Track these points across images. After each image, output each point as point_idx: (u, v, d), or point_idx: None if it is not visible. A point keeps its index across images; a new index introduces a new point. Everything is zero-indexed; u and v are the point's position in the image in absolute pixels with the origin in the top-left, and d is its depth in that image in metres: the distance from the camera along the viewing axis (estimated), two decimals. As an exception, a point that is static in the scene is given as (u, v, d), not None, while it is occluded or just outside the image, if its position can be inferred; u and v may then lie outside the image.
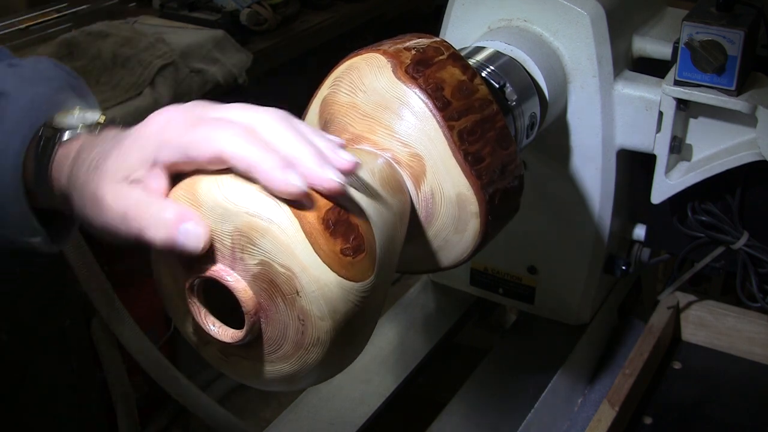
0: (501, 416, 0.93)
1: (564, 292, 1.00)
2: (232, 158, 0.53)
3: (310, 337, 0.53)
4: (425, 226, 0.65)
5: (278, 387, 0.57)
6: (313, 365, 0.55)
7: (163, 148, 0.54)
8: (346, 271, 0.53)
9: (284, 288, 0.52)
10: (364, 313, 0.55)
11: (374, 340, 0.63)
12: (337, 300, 0.53)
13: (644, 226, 1.00)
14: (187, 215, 0.53)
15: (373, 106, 0.63)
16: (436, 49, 0.66)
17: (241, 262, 0.52)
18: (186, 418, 1.80)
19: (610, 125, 0.88)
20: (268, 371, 0.56)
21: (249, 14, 1.80)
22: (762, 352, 1.00)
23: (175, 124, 0.55)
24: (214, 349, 0.57)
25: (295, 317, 0.53)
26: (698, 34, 0.80)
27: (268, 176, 0.52)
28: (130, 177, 0.55)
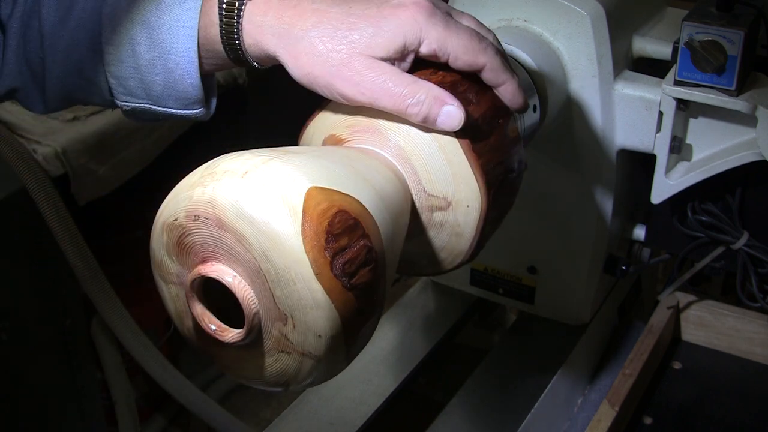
0: (501, 416, 0.93)
1: (564, 292, 1.00)
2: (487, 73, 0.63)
3: (306, 361, 0.54)
4: (426, 226, 0.65)
5: (278, 387, 0.57)
6: (313, 366, 0.55)
7: (426, 40, 0.60)
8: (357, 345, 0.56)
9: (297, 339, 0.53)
10: (364, 316, 0.55)
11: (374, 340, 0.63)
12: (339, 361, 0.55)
13: (644, 226, 1.00)
14: (446, 97, 0.59)
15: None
16: None
17: (268, 295, 0.52)
18: (186, 418, 1.80)
19: (610, 125, 0.88)
20: (268, 371, 0.56)
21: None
22: (762, 352, 1.00)
23: (435, 21, 0.60)
24: (214, 348, 0.57)
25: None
26: (698, 34, 0.80)
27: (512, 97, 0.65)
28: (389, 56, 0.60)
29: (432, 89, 0.60)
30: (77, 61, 0.66)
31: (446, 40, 0.61)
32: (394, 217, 0.60)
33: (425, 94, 0.60)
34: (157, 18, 0.63)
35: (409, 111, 0.60)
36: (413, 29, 0.60)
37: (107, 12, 0.64)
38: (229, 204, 0.52)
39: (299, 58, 0.60)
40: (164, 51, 0.63)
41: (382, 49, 0.59)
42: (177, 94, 0.65)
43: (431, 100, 0.60)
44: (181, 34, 0.62)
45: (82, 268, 1.29)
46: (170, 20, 0.63)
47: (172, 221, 0.54)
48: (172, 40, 0.63)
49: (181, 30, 0.62)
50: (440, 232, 0.65)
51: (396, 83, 0.60)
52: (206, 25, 0.63)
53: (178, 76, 0.64)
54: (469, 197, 0.63)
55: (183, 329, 0.59)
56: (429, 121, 0.60)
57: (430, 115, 0.60)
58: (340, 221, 0.53)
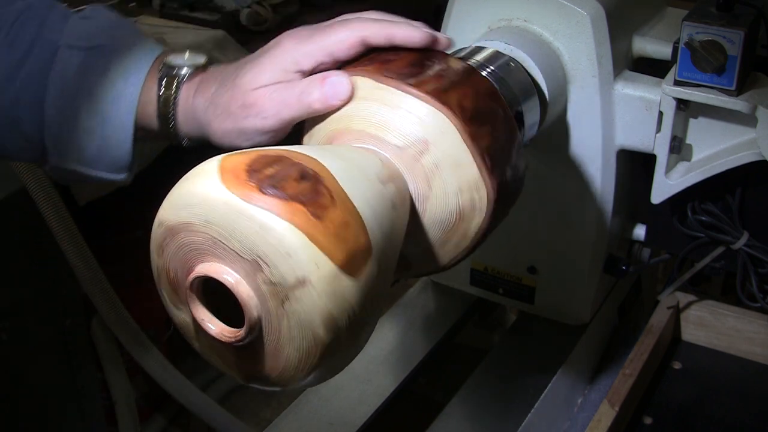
0: (501, 416, 0.93)
1: (564, 292, 1.00)
2: (372, 36, 0.65)
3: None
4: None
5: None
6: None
7: (302, 58, 0.65)
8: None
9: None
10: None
11: (374, 340, 0.63)
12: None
13: (644, 226, 1.00)
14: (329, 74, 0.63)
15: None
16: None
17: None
18: (186, 418, 1.80)
19: (610, 125, 0.88)
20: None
21: (249, 14, 1.80)
22: (762, 352, 1.00)
23: (305, 38, 0.66)
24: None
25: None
26: (698, 34, 0.80)
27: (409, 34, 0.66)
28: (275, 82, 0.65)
29: (315, 76, 0.64)
30: (17, 119, 0.69)
31: (318, 45, 0.65)
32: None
33: (310, 81, 0.64)
34: (101, 90, 0.68)
35: (312, 104, 0.63)
36: (285, 54, 0.65)
37: (54, 77, 0.68)
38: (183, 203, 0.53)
39: (212, 124, 0.66)
40: (103, 120, 0.68)
41: (265, 79, 0.65)
42: (108, 159, 0.70)
43: (317, 81, 0.63)
44: (121, 107, 0.68)
45: (82, 268, 1.29)
46: (113, 93, 0.68)
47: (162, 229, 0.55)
48: (113, 112, 0.68)
49: (121, 103, 0.68)
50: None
51: (287, 92, 0.64)
52: (145, 101, 0.68)
53: (112, 144, 0.69)
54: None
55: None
56: (327, 99, 0.63)
57: (323, 93, 0.63)
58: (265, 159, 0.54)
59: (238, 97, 0.65)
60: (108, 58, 0.68)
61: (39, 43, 0.68)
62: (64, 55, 0.68)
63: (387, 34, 0.66)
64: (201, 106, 0.67)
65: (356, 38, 0.65)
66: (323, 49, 0.65)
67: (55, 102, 0.68)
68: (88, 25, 0.70)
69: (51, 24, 0.69)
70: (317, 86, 0.63)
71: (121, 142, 0.69)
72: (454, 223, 0.65)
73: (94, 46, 0.68)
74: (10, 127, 0.69)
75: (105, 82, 0.67)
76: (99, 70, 0.68)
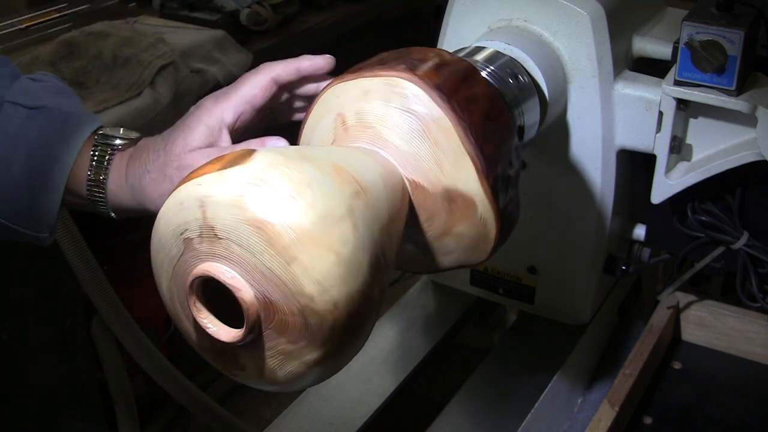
0: (501, 416, 0.93)
1: (564, 292, 1.00)
2: (282, 73, 0.72)
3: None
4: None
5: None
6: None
7: (224, 114, 0.69)
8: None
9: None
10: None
11: (374, 340, 0.63)
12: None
13: (644, 226, 1.00)
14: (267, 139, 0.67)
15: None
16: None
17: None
18: (186, 418, 1.80)
19: (610, 125, 0.88)
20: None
21: (249, 14, 1.80)
22: (762, 352, 1.00)
23: (222, 95, 0.70)
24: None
25: None
26: (698, 34, 0.80)
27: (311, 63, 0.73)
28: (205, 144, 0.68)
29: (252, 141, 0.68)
30: None
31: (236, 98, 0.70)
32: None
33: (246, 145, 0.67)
34: (39, 148, 0.69)
35: None
36: (207, 114, 0.70)
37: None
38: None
39: (147, 189, 0.69)
40: (36, 179, 0.69)
41: (195, 141, 0.69)
42: (33, 217, 0.71)
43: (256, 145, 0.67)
44: (55, 169, 0.69)
45: (82, 268, 1.29)
46: (51, 155, 0.69)
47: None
48: (47, 172, 0.69)
49: (56, 165, 0.69)
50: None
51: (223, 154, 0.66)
52: (78, 167, 0.70)
53: (41, 204, 0.70)
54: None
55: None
56: None
57: None
58: None
59: (173, 160, 0.68)
60: (50, 120, 0.70)
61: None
62: (8, 110, 0.70)
63: (294, 67, 0.72)
64: (135, 175, 0.70)
65: (267, 80, 0.71)
66: (240, 99, 0.70)
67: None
68: (36, 86, 0.72)
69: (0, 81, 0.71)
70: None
71: (49, 203, 0.70)
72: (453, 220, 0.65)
73: (38, 107, 0.70)
74: None
75: (43, 144, 0.69)
76: (39, 131, 0.69)
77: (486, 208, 0.63)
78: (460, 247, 0.66)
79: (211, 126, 0.69)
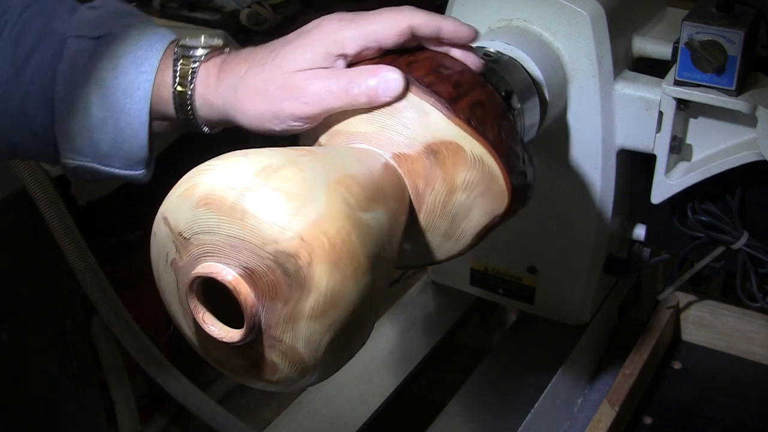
0: (501, 416, 0.93)
1: (564, 292, 1.00)
2: (421, 26, 0.63)
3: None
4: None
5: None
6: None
7: (347, 42, 0.62)
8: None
9: None
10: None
11: (374, 340, 0.63)
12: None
13: (644, 226, 1.00)
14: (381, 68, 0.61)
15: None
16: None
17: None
18: (186, 418, 1.80)
19: (610, 125, 0.88)
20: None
21: (249, 14, 1.80)
22: (762, 352, 1.00)
23: (349, 21, 0.63)
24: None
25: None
26: (698, 34, 0.80)
27: (456, 29, 0.65)
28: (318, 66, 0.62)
29: (364, 69, 0.62)
30: (28, 114, 0.66)
31: (364, 30, 0.62)
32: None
33: (359, 72, 0.61)
34: (113, 79, 0.64)
35: (358, 97, 0.61)
36: (328, 37, 0.63)
37: (63, 69, 0.65)
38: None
39: (243, 103, 0.63)
40: (117, 111, 0.65)
41: (306, 61, 0.62)
42: (123, 153, 0.66)
43: (367, 74, 0.61)
44: (135, 96, 0.65)
45: (82, 268, 1.29)
46: (125, 82, 0.64)
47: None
48: (126, 102, 0.65)
49: (135, 92, 0.65)
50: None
51: (333, 80, 0.61)
52: (159, 86, 0.65)
53: (127, 137, 0.66)
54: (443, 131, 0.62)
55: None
56: (376, 94, 0.61)
57: (372, 88, 0.61)
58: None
59: (278, 77, 0.62)
60: (118, 46, 0.65)
61: (46, 35, 0.65)
62: (72, 45, 0.65)
63: (436, 26, 0.64)
64: (228, 86, 0.64)
65: (405, 25, 0.63)
66: (369, 34, 0.62)
67: (65, 95, 0.65)
68: (97, 14, 0.67)
69: (58, 16, 0.67)
70: (369, 78, 0.61)
71: (136, 135, 0.65)
72: (451, 223, 0.65)
73: (103, 35, 0.65)
74: (21, 123, 0.66)
75: (116, 72, 0.64)
76: (109, 59, 0.64)
77: (471, 143, 0.62)
78: (474, 199, 0.64)
79: (329, 51, 0.62)
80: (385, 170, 0.62)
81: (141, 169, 0.68)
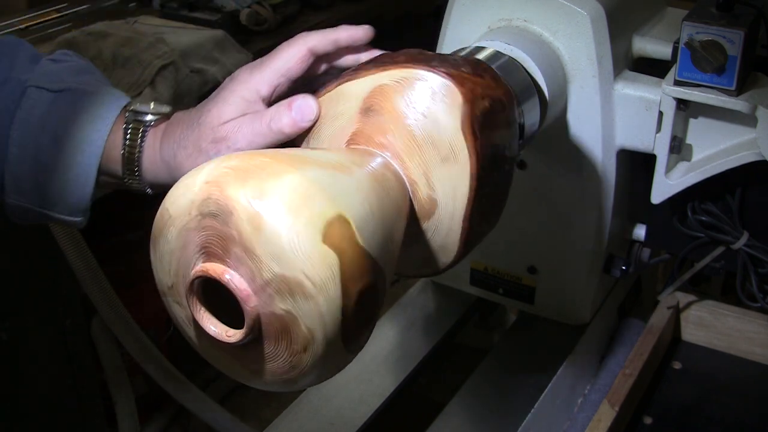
0: (501, 416, 0.93)
1: (564, 292, 1.00)
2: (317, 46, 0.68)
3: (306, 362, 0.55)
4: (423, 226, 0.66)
5: (276, 388, 0.58)
6: (314, 366, 0.55)
7: (259, 85, 0.67)
8: (355, 348, 0.57)
9: (296, 340, 0.53)
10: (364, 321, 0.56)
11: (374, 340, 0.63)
12: (337, 362, 0.57)
13: (644, 226, 1.00)
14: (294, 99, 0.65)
15: (424, 136, 0.63)
16: (503, 105, 0.66)
17: (269, 297, 0.53)
18: (186, 418, 1.80)
19: (610, 125, 0.88)
20: (266, 373, 0.56)
21: (249, 14, 1.80)
22: (762, 352, 1.00)
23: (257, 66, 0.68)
24: (214, 348, 0.57)
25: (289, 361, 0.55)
26: (698, 34, 0.80)
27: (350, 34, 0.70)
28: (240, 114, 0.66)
29: (281, 103, 0.66)
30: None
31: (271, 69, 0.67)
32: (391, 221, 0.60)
33: (276, 108, 0.66)
34: (67, 133, 0.68)
35: (282, 129, 0.65)
36: (242, 86, 0.67)
37: (20, 116, 0.68)
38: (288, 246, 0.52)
39: (183, 165, 0.67)
40: (67, 164, 0.68)
41: (229, 113, 0.66)
42: (66, 203, 0.70)
43: (284, 108, 0.65)
44: (86, 151, 0.68)
45: (82, 268, 1.29)
46: (79, 137, 0.68)
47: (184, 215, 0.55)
48: (77, 156, 0.68)
49: (87, 148, 0.68)
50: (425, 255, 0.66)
51: (255, 123, 0.66)
52: (110, 146, 0.68)
53: (73, 188, 0.69)
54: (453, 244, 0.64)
55: (183, 329, 0.59)
56: (296, 122, 0.65)
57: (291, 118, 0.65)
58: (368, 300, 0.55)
59: (207, 133, 0.66)
60: (76, 102, 0.69)
61: (8, 80, 0.69)
62: (32, 95, 0.68)
63: (332, 38, 0.69)
64: (169, 151, 0.68)
65: (304, 51, 0.68)
66: (276, 71, 0.67)
67: (20, 141, 0.68)
68: (58, 68, 0.71)
69: (21, 63, 0.70)
70: (285, 112, 0.65)
71: (82, 186, 0.69)
72: (430, 256, 0.65)
73: (62, 90, 0.69)
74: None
75: (72, 127, 0.68)
76: (66, 114, 0.68)
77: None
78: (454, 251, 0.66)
79: (246, 98, 0.67)
80: (386, 170, 0.62)
81: (80, 216, 0.71)
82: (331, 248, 0.53)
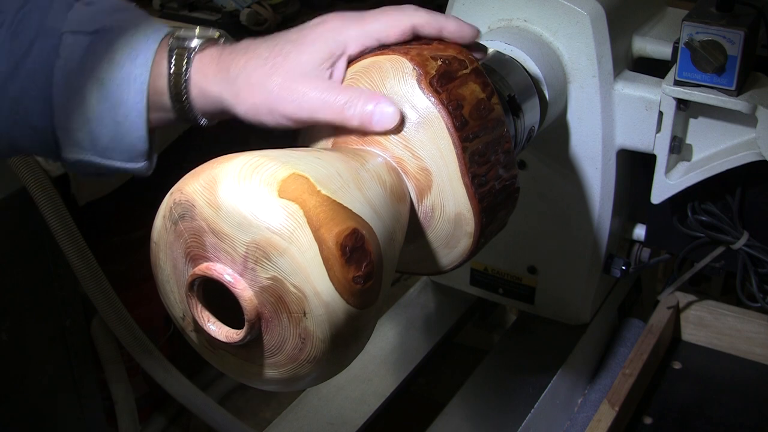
0: (501, 416, 0.93)
1: (564, 292, 1.00)
2: (423, 26, 0.65)
3: (306, 355, 0.54)
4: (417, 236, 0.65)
5: (275, 388, 0.58)
6: (307, 375, 0.55)
7: (349, 41, 0.63)
8: (355, 299, 0.54)
9: (292, 306, 0.52)
10: (362, 330, 0.55)
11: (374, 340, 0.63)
12: (341, 325, 0.54)
13: (644, 226, 1.00)
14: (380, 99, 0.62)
15: None
16: (461, 62, 0.65)
17: (252, 272, 0.52)
18: (186, 418, 1.80)
19: (610, 125, 0.88)
20: (265, 373, 0.56)
21: (249, 14, 1.80)
22: (762, 352, 1.00)
23: (353, 21, 0.64)
24: (214, 348, 0.57)
25: (296, 334, 0.53)
26: (698, 34, 0.80)
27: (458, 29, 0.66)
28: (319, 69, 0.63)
29: (364, 93, 0.62)
30: (25, 110, 0.67)
31: (367, 29, 0.64)
32: (396, 226, 0.60)
33: (359, 96, 0.62)
34: (109, 72, 0.65)
35: (350, 120, 0.62)
36: (331, 36, 0.64)
37: (60, 65, 0.66)
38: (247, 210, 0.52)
39: (239, 94, 0.64)
40: (114, 104, 0.65)
41: (309, 63, 0.63)
42: (123, 146, 0.67)
43: (366, 100, 0.62)
44: (131, 88, 0.65)
45: (82, 268, 1.29)
46: (122, 74, 0.65)
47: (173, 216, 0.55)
48: (123, 94, 0.65)
49: (131, 84, 0.65)
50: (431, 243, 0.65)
51: (331, 94, 0.62)
52: (155, 77, 0.65)
53: (126, 129, 0.66)
54: (465, 219, 0.63)
55: (182, 328, 0.59)
56: (369, 123, 0.62)
57: (367, 115, 0.62)
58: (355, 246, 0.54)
59: (279, 75, 0.63)
60: (113, 40, 0.65)
61: (43, 32, 0.66)
62: (68, 41, 0.65)
63: (439, 26, 0.65)
64: (227, 76, 0.64)
65: (408, 25, 0.64)
66: (371, 33, 0.64)
67: (63, 90, 0.65)
68: (92, 10, 0.67)
69: (54, 12, 0.67)
70: (365, 103, 0.62)
71: (134, 127, 0.66)
72: (444, 240, 0.65)
73: (98, 30, 0.66)
74: (20, 120, 0.67)
75: (112, 65, 0.65)
76: (105, 54, 0.65)
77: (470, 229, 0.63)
78: (446, 259, 0.66)
79: (331, 49, 0.63)
80: (387, 170, 0.62)
81: (142, 161, 0.68)
82: (289, 200, 0.52)
